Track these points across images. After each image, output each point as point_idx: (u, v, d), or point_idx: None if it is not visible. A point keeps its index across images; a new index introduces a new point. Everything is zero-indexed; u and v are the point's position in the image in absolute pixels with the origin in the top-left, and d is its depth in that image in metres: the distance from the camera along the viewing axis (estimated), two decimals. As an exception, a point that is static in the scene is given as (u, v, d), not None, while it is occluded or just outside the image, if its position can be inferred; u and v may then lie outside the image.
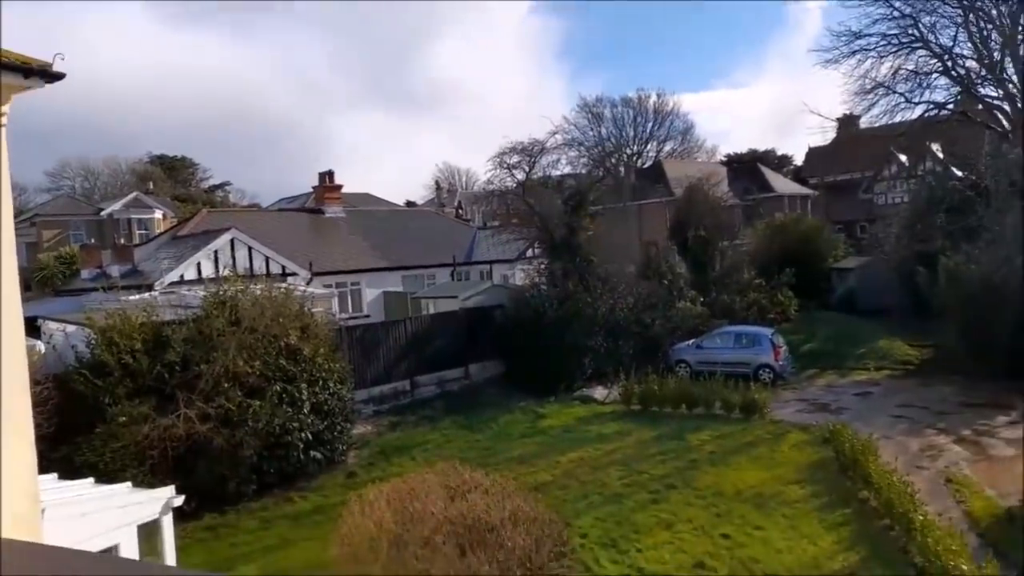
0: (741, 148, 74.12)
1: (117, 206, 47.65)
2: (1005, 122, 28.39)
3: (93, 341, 13.52)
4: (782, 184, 56.23)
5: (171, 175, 68.97)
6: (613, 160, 54.85)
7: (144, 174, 63.52)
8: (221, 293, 14.79)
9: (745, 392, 18.73)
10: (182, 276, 21.88)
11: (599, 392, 21.52)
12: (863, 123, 36.11)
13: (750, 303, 29.27)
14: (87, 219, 46.42)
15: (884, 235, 32.74)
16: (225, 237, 23.22)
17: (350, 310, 27.19)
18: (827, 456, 14.99)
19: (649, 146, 62.49)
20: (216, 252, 22.79)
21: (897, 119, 31.07)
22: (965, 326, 22.19)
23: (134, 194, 50.21)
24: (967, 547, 9.97)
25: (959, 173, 30.34)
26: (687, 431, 17.25)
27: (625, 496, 13.36)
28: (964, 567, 8.97)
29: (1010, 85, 27.69)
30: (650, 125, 61.77)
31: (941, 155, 34.23)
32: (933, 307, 23.84)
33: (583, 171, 31.50)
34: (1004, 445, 15.82)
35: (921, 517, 10.68)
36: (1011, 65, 27.58)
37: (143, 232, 45.31)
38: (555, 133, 27.72)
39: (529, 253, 29.20)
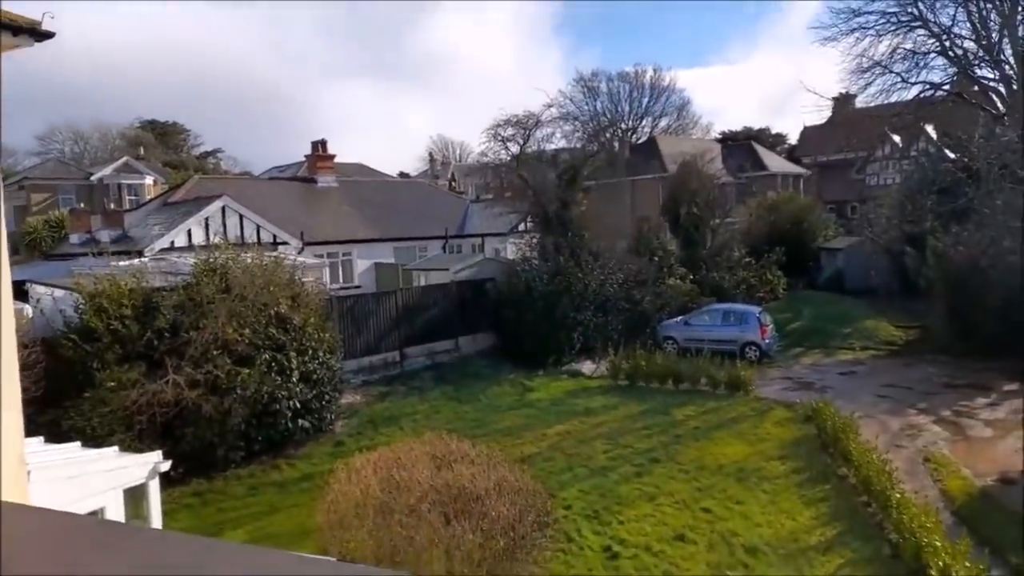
0: (736, 126, 73.97)
1: (107, 171, 47.19)
2: (1000, 104, 28.37)
3: (82, 306, 13.49)
4: (776, 163, 56.15)
5: (162, 141, 68.21)
6: (608, 135, 54.59)
7: (135, 139, 62.82)
8: (212, 260, 14.75)
9: (731, 369, 18.94)
10: (172, 243, 21.78)
11: (587, 366, 21.69)
12: (859, 103, 36.03)
13: (739, 281, 29.47)
14: (77, 183, 45.98)
15: (874, 216, 32.87)
16: (216, 204, 23.07)
17: (341, 280, 27.20)
18: (809, 433, 15.23)
19: (644, 122, 62.26)
20: (207, 219, 22.66)
21: (893, 99, 31.05)
22: (951, 308, 22.42)
23: (124, 159, 49.71)
24: (942, 524, 10.18)
25: (952, 155, 30.37)
26: (672, 406, 17.45)
27: (609, 469, 13.55)
28: (938, 543, 9.17)
29: (1007, 67, 27.63)
30: (646, 100, 61.52)
31: (935, 136, 34.23)
32: (920, 288, 24.03)
33: (577, 145, 31.29)
34: (982, 426, 16.09)
35: (898, 495, 10.89)
36: (1009, 47, 27.50)
37: (133, 198, 44.97)
38: (550, 106, 27.56)
39: (521, 227, 29.19)
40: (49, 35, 4.59)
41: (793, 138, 69.97)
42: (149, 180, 48.10)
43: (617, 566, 10.04)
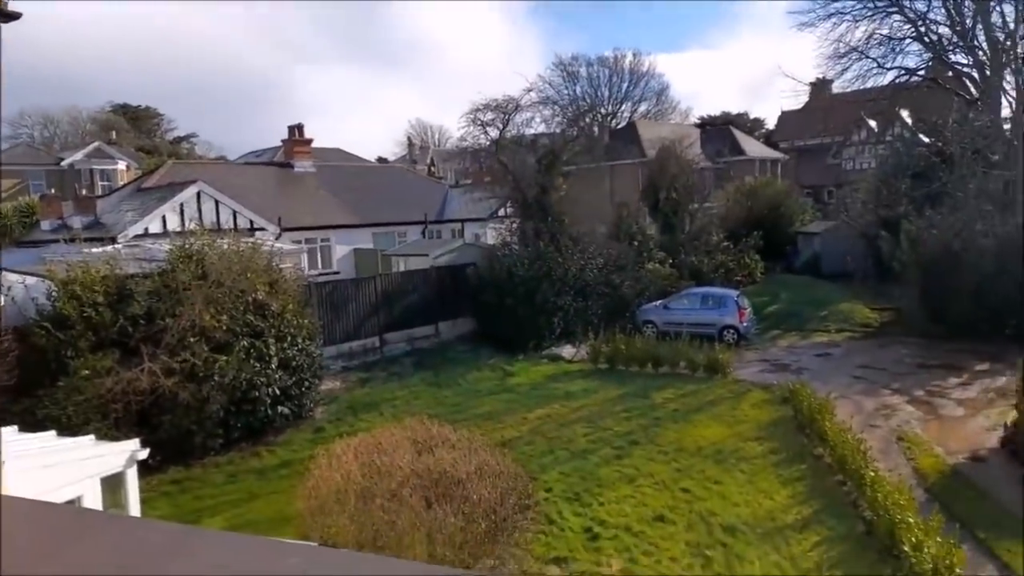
0: (714, 111, 74.18)
1: (78, 156, 46.23)
2: (973, 89, 28.72)
3: (54, 294, 13.26)
4: (754, 147, 56.46)
5: (135, 125, 66.91)
6: (587, 120, 54.45)
7: (106, 123, 61.58)
8: (187, 246, 14.57)
9: (709, 352, 19.12)
10: (146, 229, 21.42)
11: (567, 351, 21.77)
12: (836, 88, 36.27)
13: (717, 265, 29.72)
14: (47, 169, 45.01)
15: (850, 200, 33.23)
16: (191, 190, 22.71)
17: (320, 266, 26.97)
18: (786, 414, 15.44)
19: (624, 106, 62.26)
20: (182, 205, 22.30)
21: (869, 84, 31.27)
22: (924, 290, 22.79)
23: (96, 144, 48.70)
24: (915, 501, 10.40)
25: (926, 140, 30.77)
26: (652, 389, 17.60)
27: (590, 452, 13.65)
28: (911, 520, 9.37)
29: (980, 53, 27.92)
30: (625, 85, 61.50)
31: (910, 121, 34.61)
32: (895, 272, 24.38)
33: (557, 130, 31.17)
34: (954, 405, 16.43)
35: (872, 473, 11.09)
36: (982, 32, 27.77)
37: (106, 183, 44.13)
38: (530, 90, 27.33)
39: (501, 212, 29.10)
40: (15, 16, 4.46)
41: (771, 123, 70.38)
42: (121, 165, 47.21)
43: (598, 547, 10.14)
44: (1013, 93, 26.57)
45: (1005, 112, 27.32)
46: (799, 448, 13.63)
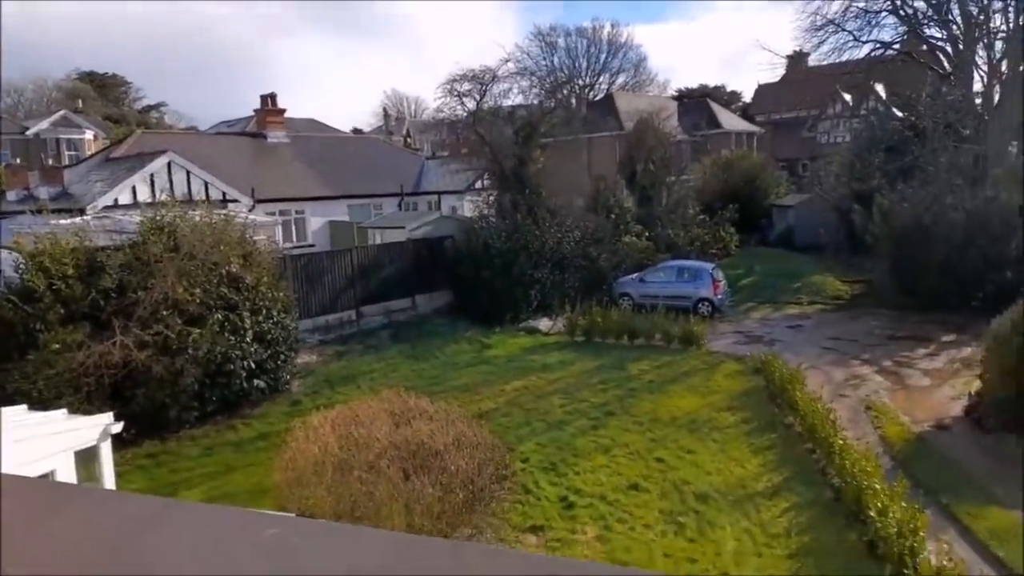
0: (692, 83, 74.08)
1: (44, 125, 44.94)
2: (947, 63, 28.95)
3: (22, 266, 12.99)
4: (730, 121, 56.57)
5: (102, 94, 65.10)
6: (565, 91, 54.10)
7: (72, 92, 59.79)
8: (159, 218, 14.35)
9: (684, 324, 19.34)
10: (116, 200, 21.00)
11: (544, 323, 21.88)
12: (812, 61, 36.36)
13: (693, 238, 29.91)
14: (12, 138, 43.66)
15: (824, 173, 33.52)
16: (161, 160, 22.25)
17: (295, 239, 26.67)
18: (758, 385, 15.72)
19: (601, 78, 61.76)
20: (152, 176, 21.86)
21: (845, 57, 31.39)
22: (894, 263, 23.19)
23: (62, 112, 47.35)
24: (881, 468, 10.69)
25: (900, 114, 31.05)
26: (627, 361, 17.78)
27: (566, 423, 13.81)
28: (877, 486, 9.64)
29: (954, 27, 28.11)
30: (603, 56, 60.95)
31: (884, 95, 34.87)
32: (867, 244, 24.75)
33: (535, 102, 30.90)
34: (921, 375, 16.84)
35: (840, 441, 11.37)
36: (956, 6, 27.94)
37: (73, 153, 43.01)
38: (507, 61, 27.21)
39: (478, 184, 28.93)
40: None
41: (748, 96, 70.47)
42: (89, 135, 46.01)
43: (573, 515, 10.31)
44: (985, 67, 26.87)
45: (977, 87, 27.67)
46: (770, 418, 13.90)
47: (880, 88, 35.10)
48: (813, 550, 9.44)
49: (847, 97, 41.73)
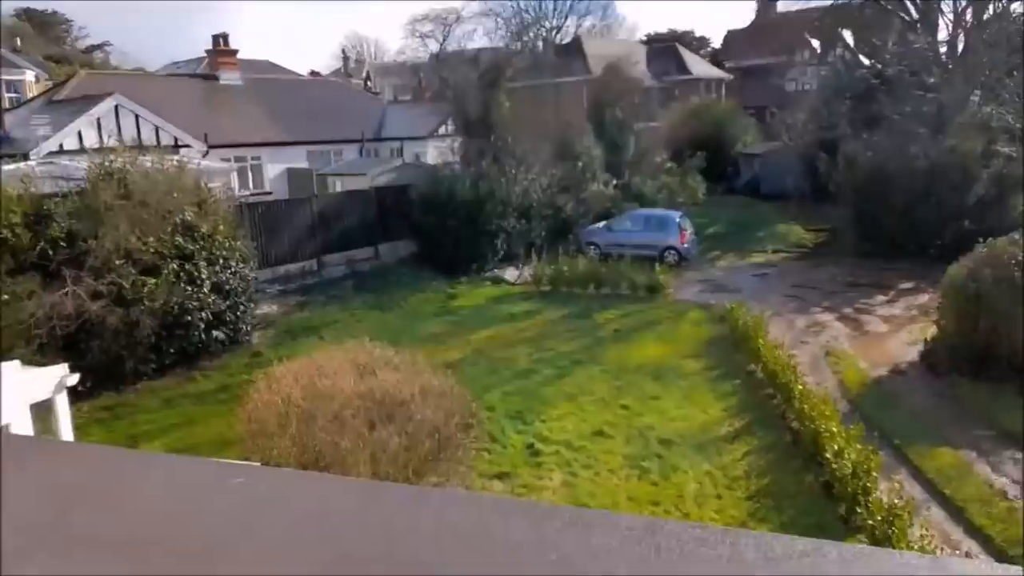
0: (661, 28, 73.00)
1: (-20, 65, 42.50)
2: (913, 11, 28.86)
3: (-37, 215, 12.36)
4: (699, 67, 55.97)
5: (42, 32, 61.74)
6: (531, 34, 52.85)
7: (10, 30, 56.55)
8: (108, 164, 13.74)
9: (650, 273, 19.39)
10: (61, 145, 20.01)
11: (510, 273, 21.76)
12: (781, 6, 36.03)
13: (661, 187, 29.81)
14: (-54, 79, 41.31)
15: (791, 121, 33.52)
16: (108, 103, 21.19)
17: (251, 187, 25.90)
18: (723, 333, 15.90)
19: (569, 20, 60.35)
20: (99, 119, 20.83)
21: (814, 4, 31.13)
22: (858, 211, 23.46)
23: None
24: (838, 412, 10.93)
25: (867, 62, 30.98)
26: (594, 310, 17.82)
27: (533, 372, 13.84)
28: (834, 429, 9.86)
29: (921, -29, 27.94)
30: (570, -3, 59.49)
31: (852, 43, 34.73)
32: (831, 193, 24.94)
33: (500, 44, 30.14)
34: (879, 322, 17.20)
35: (800, 387, 11.57)
36: (924, -49, 27.71)
37: (13, 95, 40.84)
38: (471, 0, 26.26)
39: (442, 130, 28.30)
40: None
41: (717, 42, 69.75)
42: (30, 76, 43.66)
43: (539, 462, 10.39)
44: (950, 15, 26.85)
45: (942, 35, 27.67)
46: (734, 365, 14.10)
47: (848, 35, 34.91)
48: (772, 492, 9.68)
49: (816, 44, 41.53)
